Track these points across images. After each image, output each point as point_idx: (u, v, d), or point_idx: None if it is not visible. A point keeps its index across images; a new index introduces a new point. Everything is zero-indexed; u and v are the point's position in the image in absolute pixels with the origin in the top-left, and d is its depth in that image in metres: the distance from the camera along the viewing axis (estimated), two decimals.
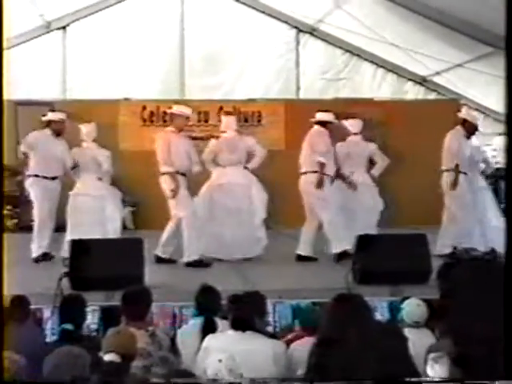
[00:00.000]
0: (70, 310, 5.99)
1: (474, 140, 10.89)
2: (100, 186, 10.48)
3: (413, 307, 5.92)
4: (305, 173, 10.05)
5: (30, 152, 10.43)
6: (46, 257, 10.14)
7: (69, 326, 5.78)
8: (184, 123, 10.12)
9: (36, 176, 10.31)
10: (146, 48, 15.74)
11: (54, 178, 10.33)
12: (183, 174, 9.86)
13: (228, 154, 10.46)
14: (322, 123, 10.10)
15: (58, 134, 10.46)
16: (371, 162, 10.94)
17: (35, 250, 10.14)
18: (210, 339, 5.34)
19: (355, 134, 10.84)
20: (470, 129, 10.31)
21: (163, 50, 15.88)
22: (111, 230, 10.20)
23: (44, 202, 10.26)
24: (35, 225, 10.29)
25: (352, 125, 10.85)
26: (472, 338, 2.23)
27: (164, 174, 9.77)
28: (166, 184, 9.76)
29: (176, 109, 10.13)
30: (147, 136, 14.85)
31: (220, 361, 4.37)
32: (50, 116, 10.56)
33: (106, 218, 10.30)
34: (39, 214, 10.27)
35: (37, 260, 10.06)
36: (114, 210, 10.47)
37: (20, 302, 6.29)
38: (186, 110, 10.13)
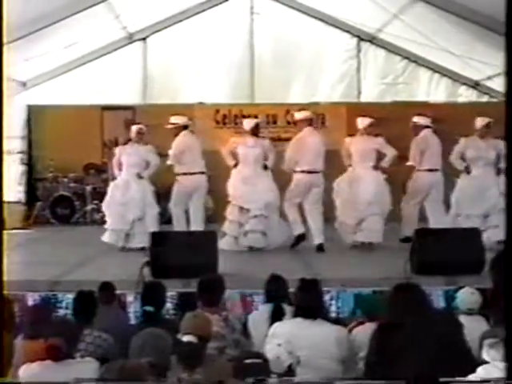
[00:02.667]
0: (152, 294, 6.03)
1: None
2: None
3: (467, 295, 5.84)
4: (436, 170, 10.63)
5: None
6: None
7: (150, 308, 5.84)
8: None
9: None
10: (219, 56, 15.79)
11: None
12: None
13: None
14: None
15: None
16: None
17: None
18: (277, 326, 5.34)
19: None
20: None
21: (234, 58, 15.91)
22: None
23: None
24: None
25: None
26: None
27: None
28: None
29: (300, 115, 10.70)
30: (220, 137, 14.97)
31: (279, 345, 4.38)
32: (173, 120, 10.81)
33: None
34: None
35: None
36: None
37: (106, 287, 6.41)
38: (307, 114, 10.72)
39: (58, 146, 14.75)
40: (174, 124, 10.69)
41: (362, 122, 10.71)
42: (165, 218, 11.44)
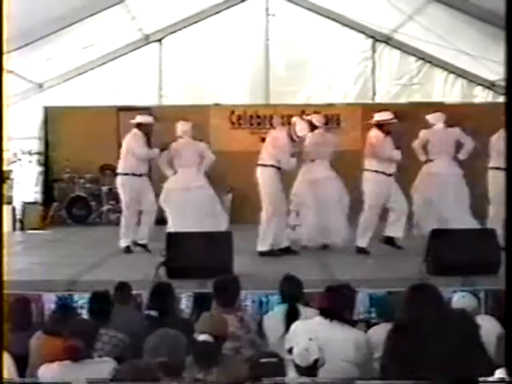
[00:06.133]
0: (158, 297, 5.95)
1: None
2: (200, 179, 10.32)
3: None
4: None
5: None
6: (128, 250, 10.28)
7: (153, 313, 5.76)
8: None
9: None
10: (234, 57, 15.80)
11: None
12: None
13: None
14: None
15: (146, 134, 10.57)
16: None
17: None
18: (298, 324, 5.32)
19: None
20: None
21: (250, 60, 15.92)
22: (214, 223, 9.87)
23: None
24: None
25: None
26: None
27: None
28: None
29: None
30: (235, 137, 15.00)
31: (311, 339, 4.35)
32: (139, 119, 10.67)
33: (207, 212, 10.10)
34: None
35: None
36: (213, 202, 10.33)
37: (122, 287, 6.41)
38: None
39: (74, 147, 14.82)
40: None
41: (439, 117, 10.67)
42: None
